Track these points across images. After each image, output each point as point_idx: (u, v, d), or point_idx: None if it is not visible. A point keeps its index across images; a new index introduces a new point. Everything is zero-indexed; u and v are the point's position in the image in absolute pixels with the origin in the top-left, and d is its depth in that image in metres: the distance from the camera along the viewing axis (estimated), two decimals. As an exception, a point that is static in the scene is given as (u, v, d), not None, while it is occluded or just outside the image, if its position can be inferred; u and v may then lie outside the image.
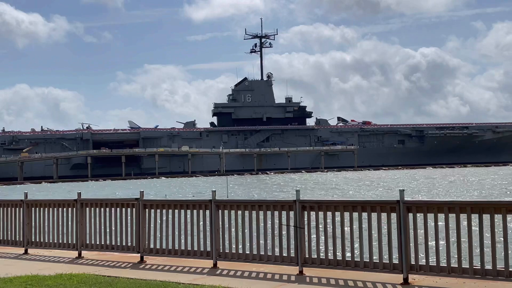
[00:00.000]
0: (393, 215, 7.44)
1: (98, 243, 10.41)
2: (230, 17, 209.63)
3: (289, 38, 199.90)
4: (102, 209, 10.38)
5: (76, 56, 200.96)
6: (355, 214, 7.81)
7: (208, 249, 9.03)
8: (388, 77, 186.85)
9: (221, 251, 8.93)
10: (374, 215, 7.63)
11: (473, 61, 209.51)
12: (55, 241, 10.96)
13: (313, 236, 8.15)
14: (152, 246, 9.75)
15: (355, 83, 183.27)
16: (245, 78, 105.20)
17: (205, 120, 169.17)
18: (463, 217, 7.02)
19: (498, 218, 6.83)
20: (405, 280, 7.24)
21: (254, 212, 8.65)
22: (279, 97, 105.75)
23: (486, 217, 6.88)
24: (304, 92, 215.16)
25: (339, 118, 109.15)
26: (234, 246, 8.83)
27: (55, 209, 11.01)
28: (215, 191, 9.18)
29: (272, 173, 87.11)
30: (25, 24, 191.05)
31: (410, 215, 7.36)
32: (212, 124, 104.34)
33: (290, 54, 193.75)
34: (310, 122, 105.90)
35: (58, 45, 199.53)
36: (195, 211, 9.29)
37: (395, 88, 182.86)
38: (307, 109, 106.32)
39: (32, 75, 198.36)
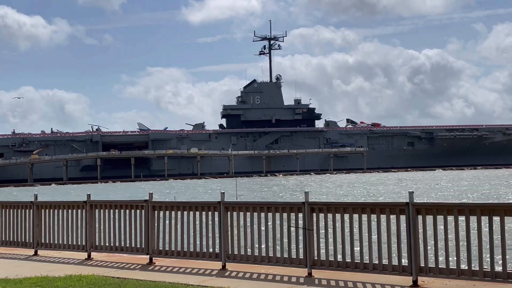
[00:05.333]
0: (402, 217, 7.42)
1: (107, 244, 10.44)
2: (228, 19, 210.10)
3: (290, 40, 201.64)
4: (112, 211, 10.41)
5: (78, 58, 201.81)
6: (364, 216, 7.80)
7: (217, 250, 9.04)
8: (391, 79, 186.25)
9: (229, 252, 8.93)
10: (383, 217, 7.61)
11: (474, 63, 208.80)
12: (65, 243, 11.00)
13: (322, 238, 8.14)
14: (161, 247, 9.76)
15: (357, 85, 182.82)
16: (254, 80, 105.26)
17: (209, 122, 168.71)
18: (472, 219, 6.99)
19: (508, 220, 6.79)
20: (415, 283, 7.21)
21: (263, 214, 8.65)
22: (286, 99, 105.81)
23: (496, 219, 6.84)
24: (308, 94, 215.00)
25: (348, 120, 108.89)
26: (243, 247, 8.82)
27: (65, 210, 11.06)
28: (223, 192, 9.18)
29: (281, 175, 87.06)
30: (26, 27, 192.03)
31: (420, 217, 7.34)
32: (221, 126, 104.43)
33: (292, 56, 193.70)
34: (319, 124, 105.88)
35: (60, 47, 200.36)
36: (204, 213, 9.30)
37: (399, 90, 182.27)
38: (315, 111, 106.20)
39: (36, 78, 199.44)
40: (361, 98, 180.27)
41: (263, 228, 8.65)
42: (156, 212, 9.84)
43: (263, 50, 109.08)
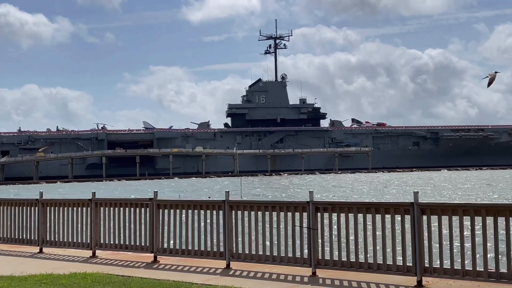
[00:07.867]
0: (407, 217, 7.41)
1: (112, 242, 10.46)
2: (229, 18, 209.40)
3: (292, 40, 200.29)
4: (117, 209, 10.43)
5: (81, 56, 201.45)
6: (369, 216, 7.78)
7: (221, 249, 9.05)
8: (394, 78, 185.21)
9: (234, 251, 8.93)
10: (388, 217, 7.60)
11: (476, 63, 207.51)
12: (70, 240, 11.03)
13: (327, 237, 8.13)
14: (165, 246, 9.78)
15: (360, 84, 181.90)
16: (259, 79, 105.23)
17: (212, 120, 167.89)
18: (477, 219, 6.97)
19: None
20: (419, 283, 7.20)
21: (267, 213, 8.65)
22: (290, 98, 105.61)
23: (501, 220, 6.83)
24: (311, 93, 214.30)
25: (353, 120, 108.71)
26: (247, 246, 8.83)
27: (70, 208, 11.09)
28: (228, 191, 9.19)
29: (285, 174, 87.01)
30: (29, 25, 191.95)
31: (424, 217, 7.33)
32: (226, 125, 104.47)
33: (295, 55, 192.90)
34: (324, 123, 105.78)
35: (62, 45, 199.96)
36: (208, 212, 9.31)
37: (401, 90, 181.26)
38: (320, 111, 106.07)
39: (39, 76, 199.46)
40: (363, 97, 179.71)
41: (267, 227, 8.65)
42: (161, 210, 9.86)
43: (268, 49, 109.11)
